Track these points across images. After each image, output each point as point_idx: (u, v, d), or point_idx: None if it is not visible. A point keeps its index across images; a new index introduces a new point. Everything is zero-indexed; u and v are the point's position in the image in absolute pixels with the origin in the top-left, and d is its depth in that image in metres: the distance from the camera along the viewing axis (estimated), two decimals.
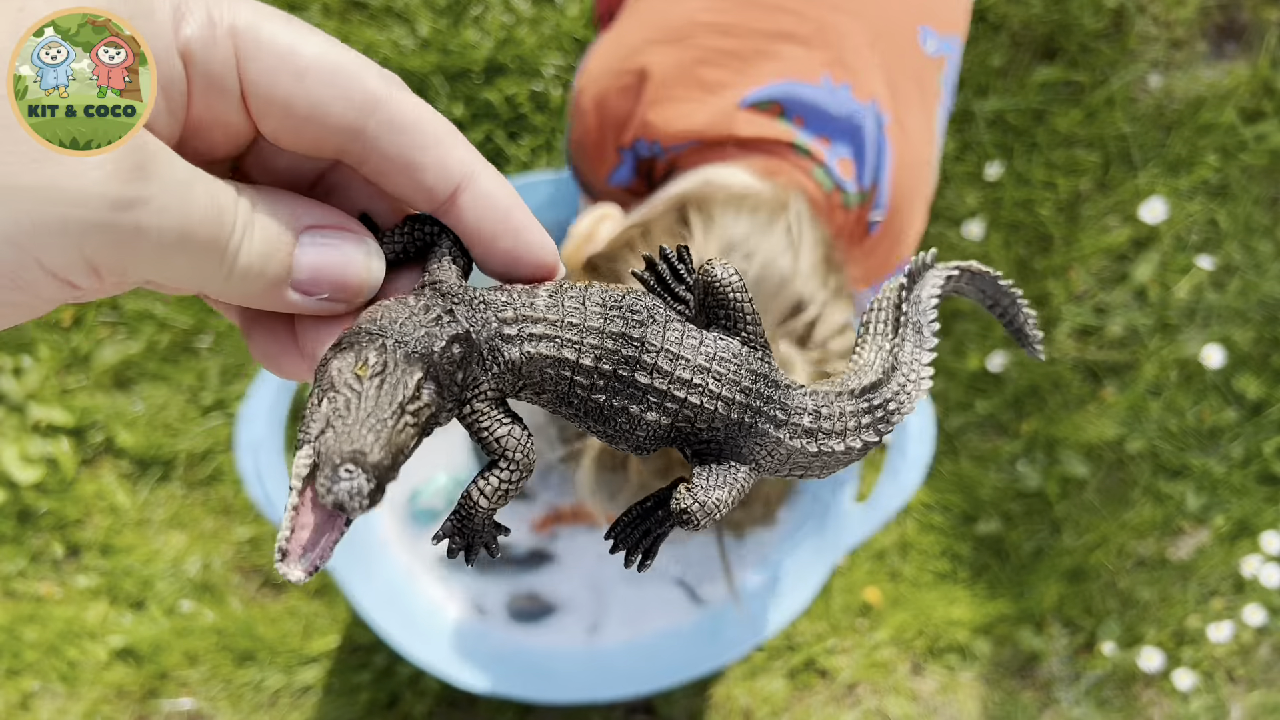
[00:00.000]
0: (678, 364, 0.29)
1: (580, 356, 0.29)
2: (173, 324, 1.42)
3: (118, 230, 0.21)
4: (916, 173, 0.91)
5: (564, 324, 0.28)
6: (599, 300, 0.29)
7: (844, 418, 0.33)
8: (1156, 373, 1.49)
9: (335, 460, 0.24)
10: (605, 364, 0.29)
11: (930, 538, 1.48)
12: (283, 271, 0.25)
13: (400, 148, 0.25)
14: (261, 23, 0.23)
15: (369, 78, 0.24)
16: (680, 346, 0.30)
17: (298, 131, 0.24)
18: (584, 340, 0.29)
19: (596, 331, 0.29)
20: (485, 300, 0.28)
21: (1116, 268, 1.50)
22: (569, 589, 1.22)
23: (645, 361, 0.29)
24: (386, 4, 1.47)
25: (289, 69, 0.23)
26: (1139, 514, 1.49)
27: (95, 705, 1.38)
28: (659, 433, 0.30)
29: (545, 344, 0.28)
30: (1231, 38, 1.55)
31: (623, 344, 0.29)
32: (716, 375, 0.30)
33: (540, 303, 0.29)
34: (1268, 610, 1.48)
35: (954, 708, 1.47)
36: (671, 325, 0.30)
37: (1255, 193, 1.51)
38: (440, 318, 0.27)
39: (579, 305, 0.29)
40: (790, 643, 1.45)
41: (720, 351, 0.30)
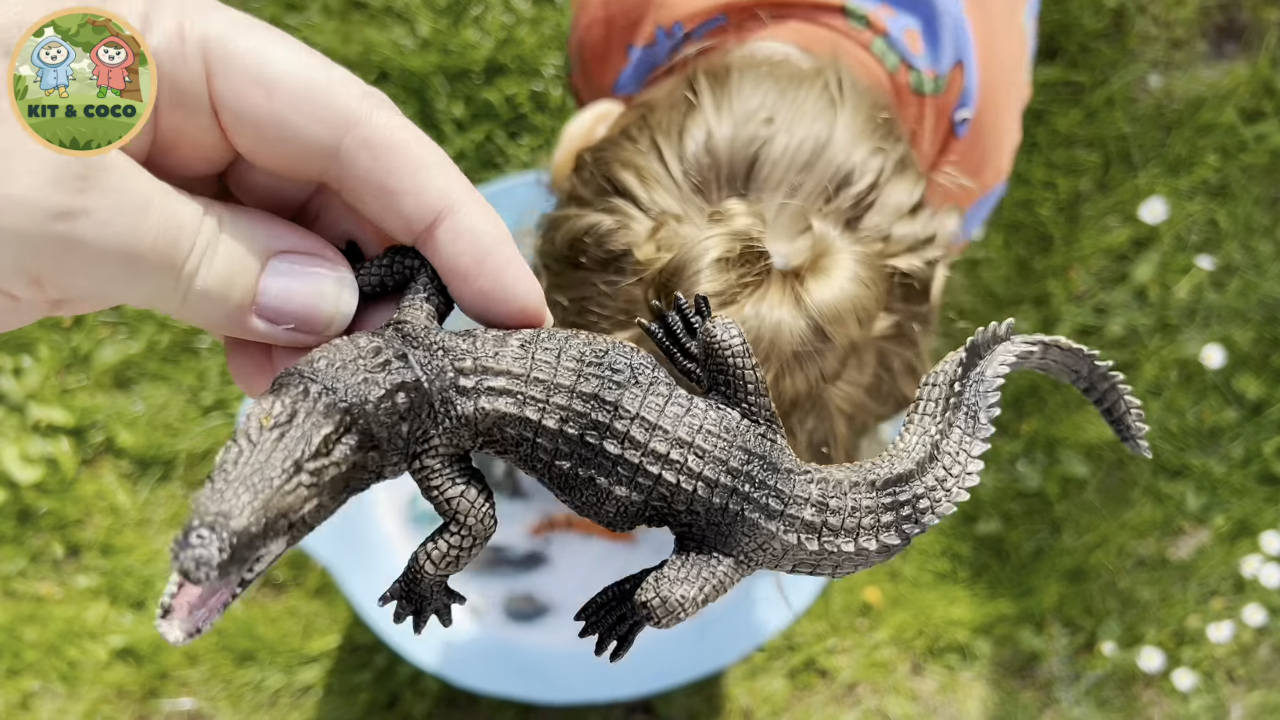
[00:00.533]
0: (654, 435, 0.26)
1: (544, 418, 0.25)
2: (173, 324, 1.42)
3: (54, 241, 0.20)
4: (1007, 69, 0.73)
5: (529, 379, 0.25)
6: (577, 354, 0.26)
7: (858, 513, 0.28)
8: (1156, 373, 1.50)
9: (194, 521, 0.21)
10: (571, 428, 0.25)
11: (930, 537, 1.48)
12: (247, 298, 0.23)
13: (375, 172, 0.23)
14: (234, 34, 0.22)
15: (344, 95, 0.22)
16: (660, 415, 0.26)
17: (272, 151, 0.23)
18: (550, 399, 0.25)
19: (566, 390, 0.25)
20: (445, 346, 0.25)
21: (1116, 268, 1.51)
22: (563, 592, 1.22)
23: (617, 429, 0.25)
24: (387, 4, 1.47)
25: (259, 84, 0.22)
26: (1139, 514, 1.49)
27: (95, 705, 1.38)
28: (631, 509, 0.27)
29: (504, 400, 0.25)
30: (1231, 38, 1.55)
31: (594, 407, 0.25)
32: (700, 451, 0.26)
33: (508, 353, 0.25)
34: (1268, 610, 1.48)
35: (954, 707, 1.47)
36: (656, 389, 0.26)
37: (1255, 193, 1.51)
38: (389, 363, 0.24)
39: (552, 359, 0.25)
40: (790, 643, 1.45)
41: (708, 425, 0.26)
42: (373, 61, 1.45)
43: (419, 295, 0.26)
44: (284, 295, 0.23)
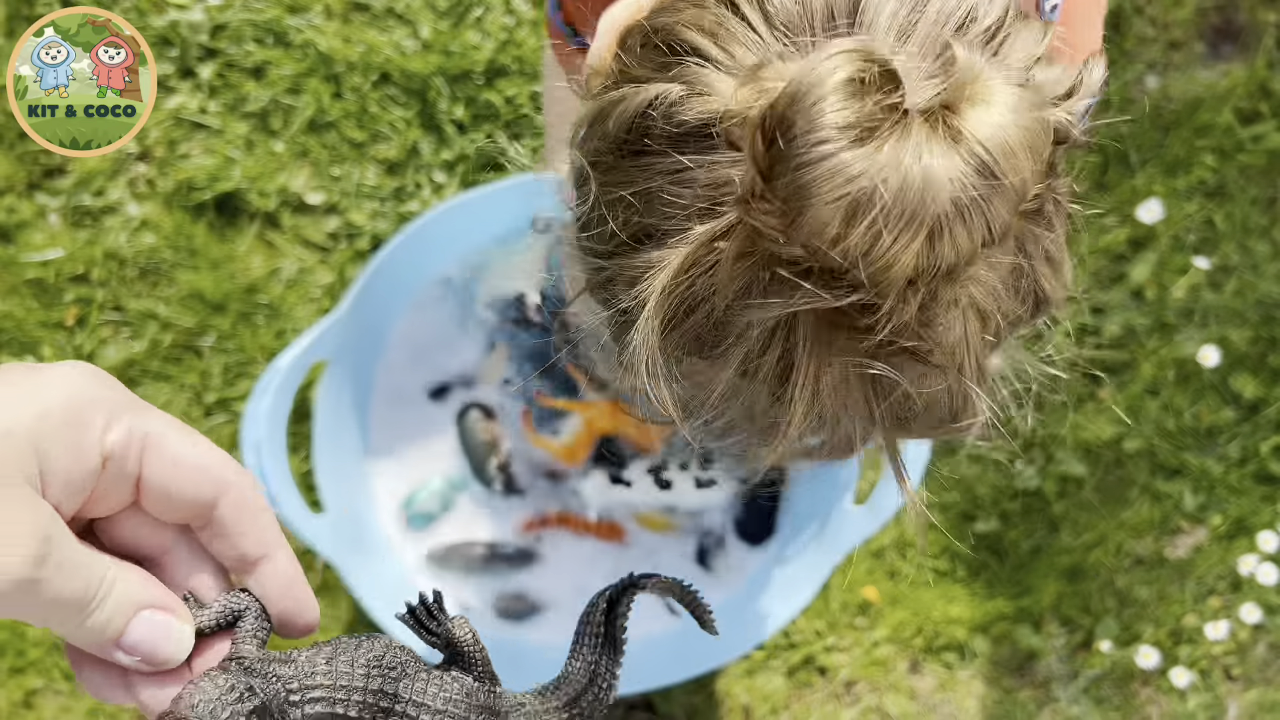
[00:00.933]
0: (421, 710, 0.38)
1: (348, 710, 0.36)
2: (176, 324, 1.42)
3: (17, 597, 0.29)
4: None
5: (336, 686, 0.36)
6: (365, 660, 0.37)
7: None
8: (1154, 372, 1.50)
9: None
10: (367, 715, 0.37)
11: (929, 536, 1.48)
12: (116, 635, 0.32)
13: (236, 522, 0.34)
14: (165, 432, 0.33)
15: (225, 470, 0.34)
16: (424, 695, 0.38)
17: (167, 504, 0.34)
18: (351, 698, 0.36)
19: (361, 689, 0.36)
20: (276, 674, 0.35)
21: (1114, 268, 1.51)
22: (555, 591, 1.23)
23: (398, 710, 0.37)
24: (388, 6, 1.48)
25: (174, 464, 0.33)
26: (1137, 513, 1.50)
27: (98, 704, 1.39)
28: None
29: (322, 705, 0.36)
30: (1229, 39, 1.56)
31: (380, 698, 0.37)
32: (451, 715, 0.38)
33: (319, 670, 0.36)
34: (1264, 609, 1.49)
35: (952, 705, 1.47)
36: (419, 677, 0.38)
37: (1252, 193, 1.52)
38: (242, 695, 0.34)
39: (348, 667, 0.36)
40: (789, 640, 1.46)
41: (454, 694, 0.39)
42: (374, 63, 1.46)
43: (248, 630, 0.36)
44: (142, 638, 0.33)
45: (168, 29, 1.44)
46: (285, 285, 1.44)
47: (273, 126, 1.46)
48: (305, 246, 1.45)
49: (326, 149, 1.46)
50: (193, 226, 1.43)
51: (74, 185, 1.43)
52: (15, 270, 1.41)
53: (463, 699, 0.39)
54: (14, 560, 0.28)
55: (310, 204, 1.45)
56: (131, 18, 1.45)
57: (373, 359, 1.21)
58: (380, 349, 1.22)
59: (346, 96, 1.46)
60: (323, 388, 1.11)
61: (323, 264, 1.45)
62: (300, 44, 1.46)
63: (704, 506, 1.24)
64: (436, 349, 1.23)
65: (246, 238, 1.44)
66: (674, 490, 1.22)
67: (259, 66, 1.46)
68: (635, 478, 1.22)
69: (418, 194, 1.46)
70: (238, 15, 1.46)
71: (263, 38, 1.46)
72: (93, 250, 1.42)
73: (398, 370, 1.23)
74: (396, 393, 1.22)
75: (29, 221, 1.42)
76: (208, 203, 1.44)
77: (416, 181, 1.46)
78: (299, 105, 1.45)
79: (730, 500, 1.24)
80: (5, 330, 1.41)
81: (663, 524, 1.24)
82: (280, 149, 1.45)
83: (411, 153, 1.46)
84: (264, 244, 1.45)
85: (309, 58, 1.46)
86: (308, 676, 0.36)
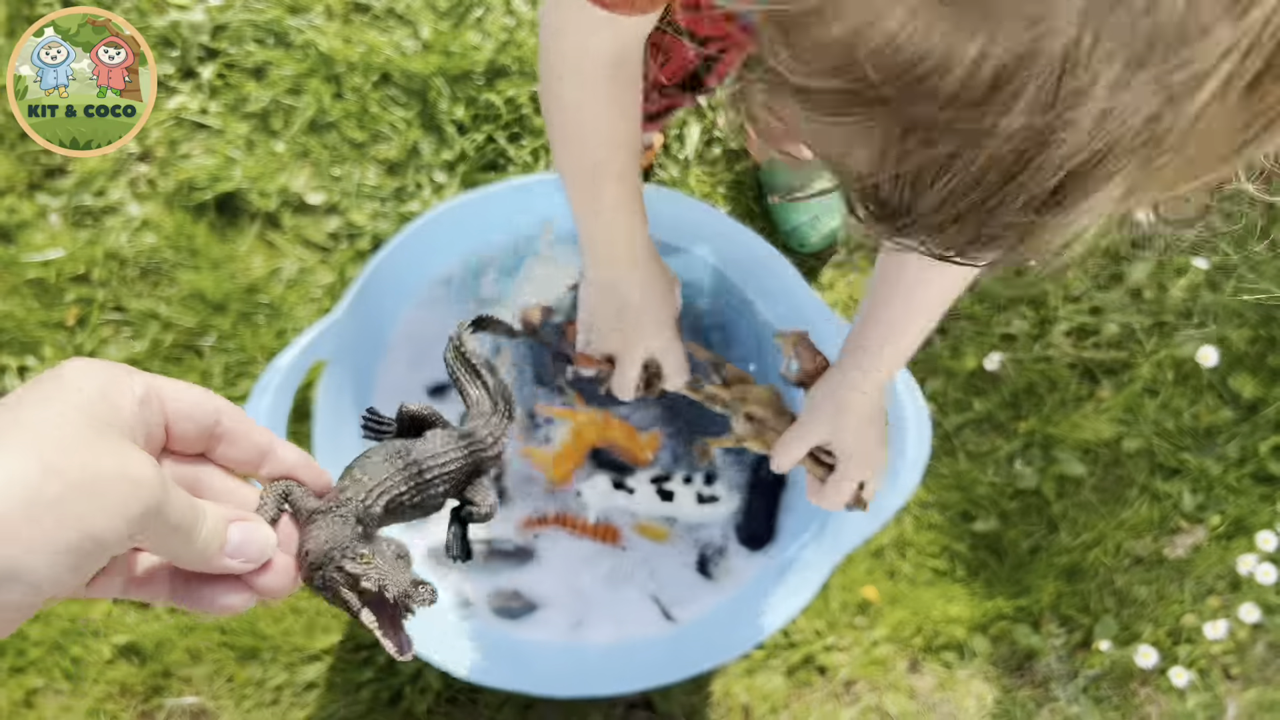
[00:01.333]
0: (433, 458, 0.50)
1: (397, 488, 0.48)
2: (177, 323, 1.43)
3: (147, 519, 0.34)
4: None
5: (382, 481, 0.48)
6: (383, 457, 0.49)
7: None
8: (1153, 372, 1.50)
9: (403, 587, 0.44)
10: (409, 484, 0.49)
11: (928, 535, 1.49)
12: (222, 545, 0.40)
13: (237, 428, 0.43)
14: (162, 381, 0.40)
15: (214, 396, 0.42)
16: (428, 451, 0.50)
17: (190, 425, 0.41)
18: (394, 480, 0.48)
19: (395, 472, 0.48)
20: (346, 499, 0.46)
21: (1113, 268, 1.51)
22: (550, 588, 1.23)
23: (422, 468, 0.50)
24: (389, 6, 1.48)
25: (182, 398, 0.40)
26: (1136, 513, 1.50)
27: (99, 703, 1.39)
28: (450, 490, 0.52)
29: (383, 497, 0.48)
30: None
31: (408, 468, 0.49)
32: (450, 451, 0.51)
33: (365, 480, 0.47)
34: (1263, 608, 1.49)
35: (951, 704, 1.48)
36: (418, 444, 0.50)
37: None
38: (345, 518, 0.46)
39: (377, 468, 0.48)
40: (789, 640, 1.46)
41: (441, 440, 0.52)
42: (374, 64, 1.46)
43: (299, 495, 0.46)
44: (240, 541, 0.41)
45: (169, 29, 1.45)
46: (286, 285, 1.44)
47: (273, 127, 1.46)
48: (306, 246, 1.45)
49: (327, 149, 1.46)
50: (194, 226, 1.44)
51: (75, 185, 1.44)
52: (16, 270, 1.42)
53: (450, 441, 0.52)
54: (149, 490, 0.34)
55: (311, 204, 1.45)
56: (132, 18, 1.45)
57: (373, 358, 1.22)
58: (380, 348, 1.22)
59: (347, 97, 1.46)
60: (323, 387, 1.11)
61: (323, 264, 1.45)
62: (301, 44, 1.47)
63: (704, 522, 1.24)
64: (437, 348, 1.23)
65: (247, 238, 1.45)
66: (675, 502, 1.22)
67: (260, 67, 1.47)
68: (638, 485, 1.22)
69: (418, 194, 1.46)
70: (238, 16, 1.46)
71: (263, 38, 1.47)
72: (94, 250, 1.42)
73: (398, 369, 1.24)
74: (396, 392, 1.22)
75: (30, 221, 1.43)
76: (209, 203, 1.44)
77: (417, 181, 1.46)
78: (300, 105, 1.46)
79: (731, 515, 1.24)
80: (6, 330, 1.42)
81: (661, 534, 1.24)
82: (281, 149, 1.45)
83: (412, 153, 1.46)
84: (265, 244, 1.45)
85: (310, 58, 1.46)
86: (362, 487, 0.47)
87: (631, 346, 0.86)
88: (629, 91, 0.78)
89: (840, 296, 1.49)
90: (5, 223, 1.43)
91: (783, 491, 1.24)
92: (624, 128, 0.79)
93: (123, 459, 0.34)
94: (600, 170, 0.80)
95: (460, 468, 0.53)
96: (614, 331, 0.86)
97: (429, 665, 1.38)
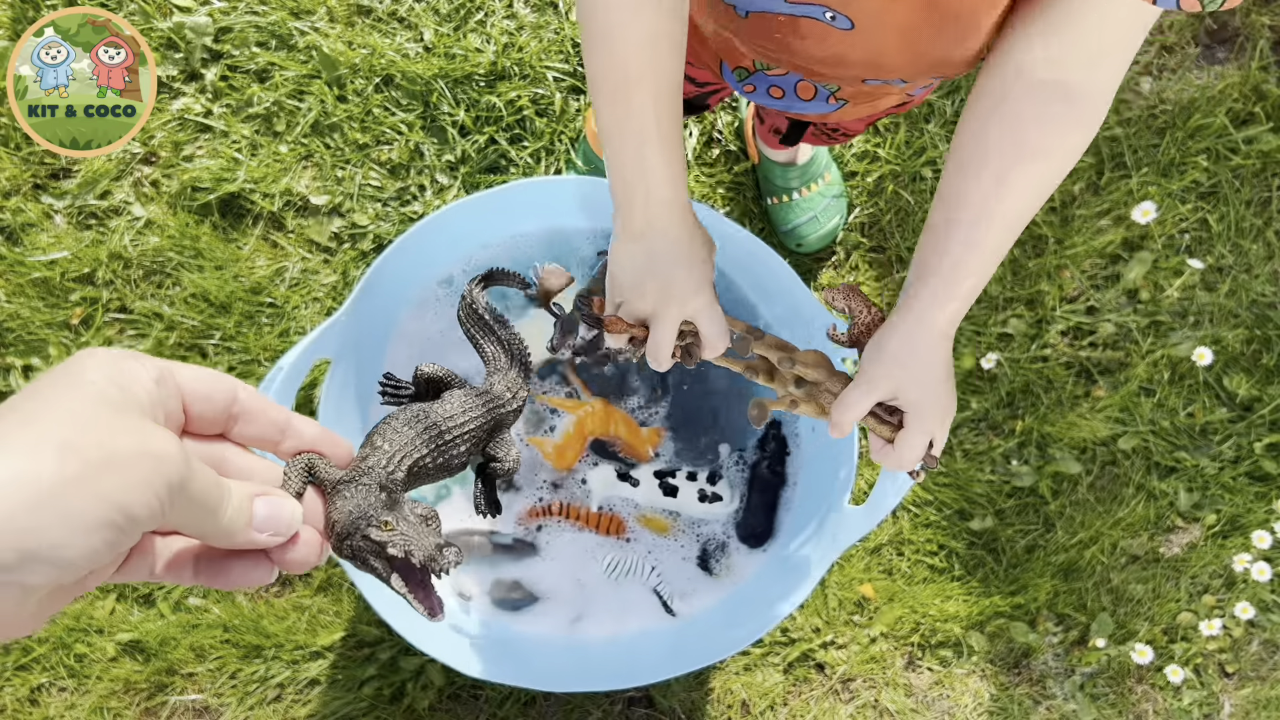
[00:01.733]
0: (451, 420, 0.52)
1: (418, 450, 0.50)
2: (181, 324, 1.44)
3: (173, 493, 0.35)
4: None
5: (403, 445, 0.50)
6: (404, 421, 0.50)
7: None
8: (1149, 372, 1.52)
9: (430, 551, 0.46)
10: (430, 445, 0.51)
11: (925, 534, 1.50)
12: (249, 520, 0.41)
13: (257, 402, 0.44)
14: (173, 363, 0.40)
15: (226, 376, 0.43)
16: (446, 413, 0.52)
17: (208, 404, 0.42)
18: (415, 445, 0.50)
19: (415, 436, 0.50)
20: (369, 468, 0.48)
21: (1109, 269, 1.53)
22: (552, 581, 1.23)
23: (442, 429, 0.51)
24: (392, 9, 1.49)
25: (198, 378, 0.42)
26: (1132, 511, 1.51)
27: (103, 700, 1.40)
28: (472, 449, 0.54)
29: (405, 461, 0.49)
30: (1223, 43, 1.57)
31: (428, 430, 0.51)
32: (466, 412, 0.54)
33: (386, 447, 0.49)
34: (1258, 606, 1.50)
35: (948, 701, 1.49)
36: (435, 407, 0.52)
37: (1245, 195, 1.53)
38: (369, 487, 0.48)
39: (398, 434, 0.50)
40: (788, 637, 1.47)
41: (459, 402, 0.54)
42: (377, 67, 1.47)
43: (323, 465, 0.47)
44: (267, 514, 0.42)
45: (173, 31, 1.46)
46: (289, 286, 1.45)
47: (277, 129, 1.47)
48: (309, 247, 1.47)
49: (330, 151, 1.47)
50: (198, 227, 1.45)
51: (79, 187, 1.45)
52: (21, 271, 1.43)
53: (469, 399, 0.54)
54: (172, 465, 0.35)
55: (314, 205, 1.47)
56: (136, 21, 1.47)
57: (375, 357, 1.23)
58: (383, 348, 1.23)
59: (350, 99, 1.47)
60: (326, 386, 1.13)
61: (326, 265, 1.46)
62: (304, 47, 1.48)
63: (705, 518, 1.25)
64: (439, 347, 1.24)
65: (251, 239, 1.46)
66: (678, 498, 1.23)
67: (263, 69, 1.48)
68: (642, 477, 1.24)
69: (420, 196, 1.47)
70: (242, 18, 1.47)
71: (267, 41, 1.48)
72: (98, 251, 1.43)
73: (400, 368, 1.25)
74: None
75: (35, 222, 1.44)
76: (212, 204, 1.45)
77: (419, 183, 1.47)
78: (303, 108, 1.47)
79: (732, 514, 1.25)
80: (12, 330, 1.43)
81: (664, 526, 1.25)
82: (284, 151, 1.47)
83: (414, 155, 1.48)
84: (268, 245, 1.47)
85: (313, 61, 1.47)
86: (383, 454, 0.48)
87: (666, 308, 0.77)
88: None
89: None
90: (10, 224, 1.44)
91: (783, 489, 1.25)
92: (669, 31, 0.70)
93: (142, 436, 0.35)
94: (633, 84, 0.70)
95: (480, 425, 0.53)
96: (647, 292, 0.77)
97: (431, 662, 1.39)
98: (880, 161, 1.52)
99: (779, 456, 1.25)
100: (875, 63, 0.80)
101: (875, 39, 0.76)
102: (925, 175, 1.51)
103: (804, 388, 0.80)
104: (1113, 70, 0.70)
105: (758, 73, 0.91)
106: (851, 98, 0.91)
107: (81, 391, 0.35)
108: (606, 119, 0.74)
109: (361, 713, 1.40)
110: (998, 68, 0.72)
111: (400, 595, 0.46)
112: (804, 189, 1.46)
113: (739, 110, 1.52)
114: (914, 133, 1.52)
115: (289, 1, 1.49)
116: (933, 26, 0.74)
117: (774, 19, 0.78)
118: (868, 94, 0.90)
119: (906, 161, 1.51)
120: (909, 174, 1.51)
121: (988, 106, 0.72)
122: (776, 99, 0.93)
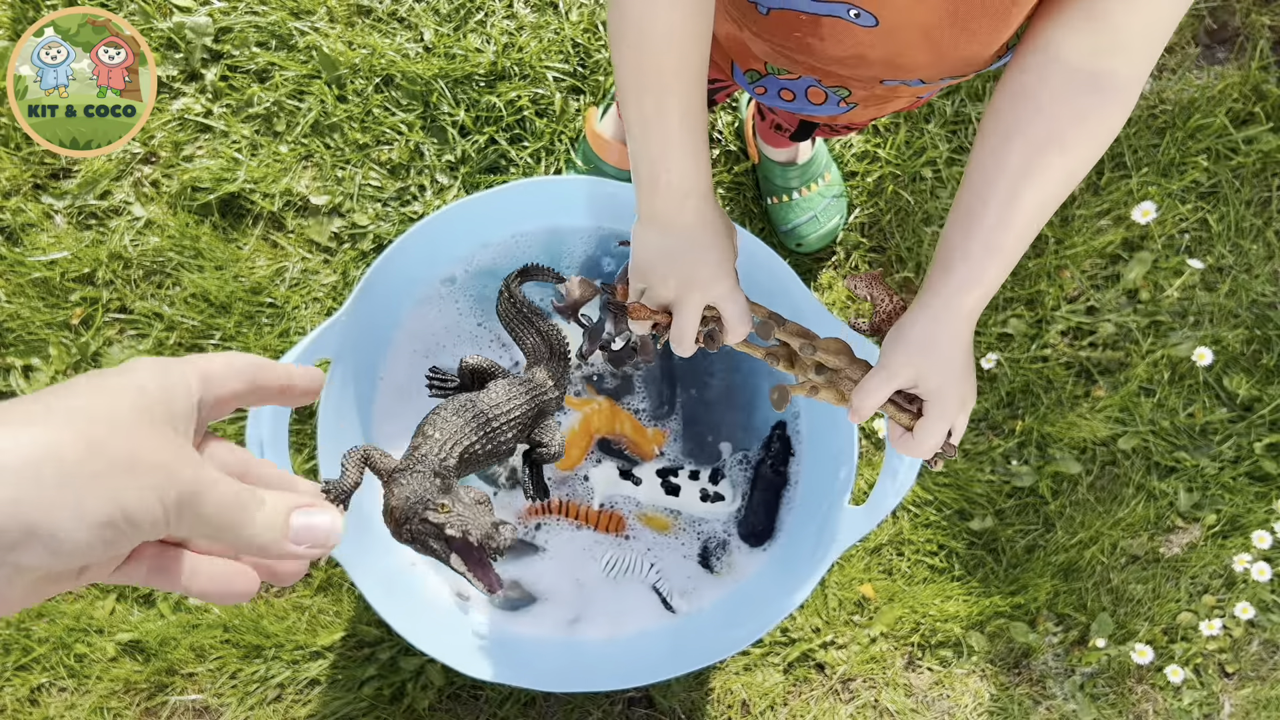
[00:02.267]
0: (496, 408, 0.54)
1: (469, 438, 0.51)
2: (181, 324, 1.44)
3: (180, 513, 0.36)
4: None
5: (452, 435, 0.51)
6: (452, 411, 0.52)
7: None
8: (1148, 372, 1.52)
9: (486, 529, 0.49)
10: (480, 433, 0.53)
11: (925, 534, 1.50)
12: (284, 533, 0.40)
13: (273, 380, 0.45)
14: (197, 357, 0.41)
15: (251, 359, 0.44)
16: (492, 401, 0.53)
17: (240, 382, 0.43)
18: (464, 433, 0.52)
19: (464, 424, 0.52)
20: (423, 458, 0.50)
21: (1109, 269, 1.53)
22: (551, 580, 1.23)
23: (489, 417, 0.53)
24: (392, 9, 1.50)
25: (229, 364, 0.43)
26: (1131, 511, 1.51)
27: (103, 700, 1.40)
28: (518, 435, 0.55)
29: (457, 449, 0.51)
30: (1223, 43, 1.57)
31: (476, 419, 0.54)
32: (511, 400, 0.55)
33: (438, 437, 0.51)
34: (1258, 606, 1.50)
35: (948, 701, 1.49)
36: (481, 397, 0.53)
37: (1245, 195, 1.53)
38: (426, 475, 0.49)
39: (447, 423, 0.51)
40: (788, 637, 1.47)
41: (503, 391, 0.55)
42: (377, 67, 1.47)
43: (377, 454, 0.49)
44: (303, 525, 0.41)
45: (173, 31, 1.46)
46: (289, 286, 1.45)
47: (277, 129, 1.47)
48: (309, 248, 1.47)
49: (330, 151, 1.47)
50: (198, 228, 1.45)
51: (80, 187, 1.45)
52: (21, 271, 1.43)
53: (513, 388, 0.55)
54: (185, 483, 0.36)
55: (314, 205, 1.47)
56: (136, 21, 1.47)
57: (376, 357, 1.23)
58: (384, 348, 1.23)
59: (350, 99, 1.47)
60: (326, 386, 1.13)
61: (326, 265, 1.46)
62: (304, 47, 1.48)
63: (707, 517, 1.25)
64: (439, 347, 1.24)
65: (251, 239, 1.46)
66: (680, 497, 1.23)
67: (264, 69, 1.48)
68: (645, 475, 1.24)
69: (420, 196, 1.47)
70: (242, 19, 1.47)
71: (267, 41, 1.48)
72: (98, 251, 1.43)
73: (400, 368, 1.25)
74: (399, 390, 1.23)
75: (35, 222, 1.44)
76: (212, 204, 1.45)
77: (419, 183, 1.47)
78: (303, 108, 1.47)
79: (733, 513, 1.25)
80: (12, 330, 1.43)
81: (664, 524, 1.25)
82: (284, 151, 1.47)
83: (414, 155, 1.48)
84: (268, 245, 1.47)
85: (313, 61, 1.47)
86: (435, 443, 0.51)
87: (690, 294, 0.78)
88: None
89: (838, 297, 1.50)
90: (10, 224, 1.44)
91: (784, 488, 1.25)
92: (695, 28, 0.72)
93: (167, 450, 0.36)
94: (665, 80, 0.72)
95: (525, 413, 0.56)
96: (671, 278, 0.79)
97: (431, 662, 1.39)
98: (880, 161, 1.52)
99: (783, 457, 1.25)
100: (894, 62, 0.79)
101: (898, 37, 0.76)
102: (925, 175, 1.51)
103: (824, 374, 0.81)
104: (1149, 58, 0.71)
105: (769, 75, 0.90)
106: (862, 101, 0.91)
107: (127, 397, 0.37)
108: (633, 108, 0.75)
109: (361, 713, 1.40)
110: (1031, 54, 0.72)
111: (459, 574, 0.48)
112: (804, 189, 1.46)
113: (739, 110, 1.52)
114: (914, 133, 1.52)
115: (289, 1, 1.49)
116: (958, 23, 0.74)
117: (796, 17, 0.78)
118: (880, 97, 0.89)
119: (906, 162, 1.51)
120: (909, 174, 1.51)
121: (1020, 92, 0.72)
122: (787, 101, 0.93)
